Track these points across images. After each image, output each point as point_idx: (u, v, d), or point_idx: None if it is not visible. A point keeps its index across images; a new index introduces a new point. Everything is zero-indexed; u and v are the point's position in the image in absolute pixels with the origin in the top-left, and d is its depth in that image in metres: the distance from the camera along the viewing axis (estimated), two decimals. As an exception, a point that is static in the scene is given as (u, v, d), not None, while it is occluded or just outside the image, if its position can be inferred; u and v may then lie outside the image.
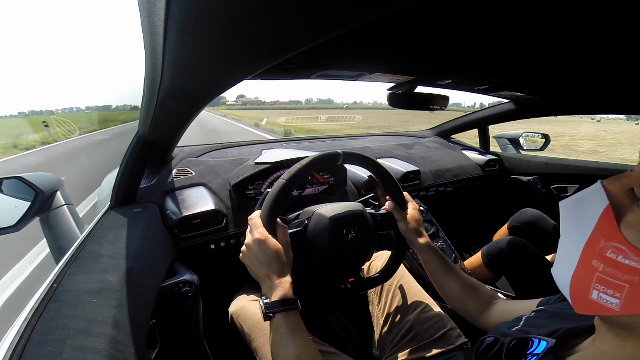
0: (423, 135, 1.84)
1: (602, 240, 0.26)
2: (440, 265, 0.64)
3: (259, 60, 0.29)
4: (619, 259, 0.25)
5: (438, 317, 0.71)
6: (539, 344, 0.35)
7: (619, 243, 0.25)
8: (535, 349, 0.35)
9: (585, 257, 0.27)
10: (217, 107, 68.70)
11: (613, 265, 0.25)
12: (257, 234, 0.52)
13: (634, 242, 0.24)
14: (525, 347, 0.36)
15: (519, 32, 0.45)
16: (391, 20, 0.41)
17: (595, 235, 0.27)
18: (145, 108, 0.58)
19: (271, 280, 0.51)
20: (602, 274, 0.26)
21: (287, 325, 0.48)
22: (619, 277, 0.25)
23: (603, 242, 0.26)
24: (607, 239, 0.26)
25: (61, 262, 0.55)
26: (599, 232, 0.27)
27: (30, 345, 0.37)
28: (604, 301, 0.26)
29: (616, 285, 0.25)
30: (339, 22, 0.21)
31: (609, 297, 0.25)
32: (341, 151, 0.62)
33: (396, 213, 0.70)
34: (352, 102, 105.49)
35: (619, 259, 0.25)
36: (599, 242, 0.26)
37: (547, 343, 0.34)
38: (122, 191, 0.78)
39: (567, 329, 0.36)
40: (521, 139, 1.78)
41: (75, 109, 52.97)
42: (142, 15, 0.27)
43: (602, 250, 0.26)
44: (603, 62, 0.58)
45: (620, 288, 0.25)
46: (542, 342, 0.34)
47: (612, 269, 0.25)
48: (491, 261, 1.05)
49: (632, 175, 0.27)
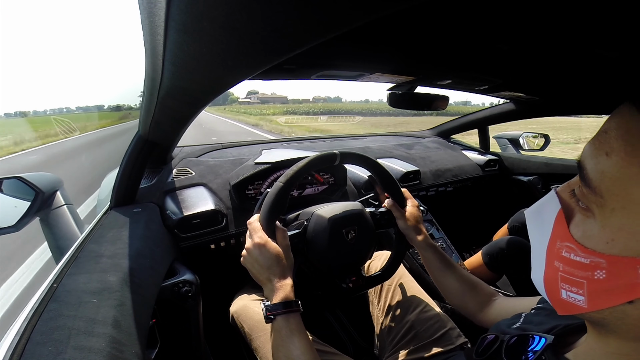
0: (423, 136, 1.84)
1: (558, 241, 0.28)
2: (440, 262, 0.64)
3: (259, 60, 0.29)
4: (572, 256, 0.26)
5: (438, 317, 0.71)
6: (538, 341, 0.35)
7: (569, 242, 0.27)
8: (534, 345, 0.35)
9: (549, 258, 0.29)
10: (227, 107, 58.84)
11: (569, 264, 0.27)
12: (256, 238, 0.52)
13: (580, 240, 0.26)
14: (525, 344, 0.36)
15: (519, 32, 0.45)
16: (391, 20, 0.41)
17: (553, 238, 0.29)
18: (145, 108, 0.58)
19: (272, 284, 0.51)
20: (563, 272, 0.27)
21: (288, 327, 0.48)
22: (576, 274, 0.26)
23: (559, 242, 0.28)
24: (561, 240, 0.28)
25: (61, 262, 0.55)
26: (555, 235, 0.29)
27: (30, 345, 0.37)
28: (573, 299, 0.27)
29: (576, 282, 0.26)
30: (339, 23, 0.21)
31: (575, 294, 0.27)
32: (338, 151, 0.62)
33: (395, 211, 0.70)
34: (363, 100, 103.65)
35: (572, 257, 0.27)
36: (556, 243, 0.28)
37: (545, 340, 0.34)
38: (122, 191, 0.78)
39: (565, 326, 0.36)
40: (521, 139, 1.78)
41: (66, 110, 52.64)
42: (143, 16, 0.27)
43: (559, 250, 0.28)
44: (603, 63, 0.58)
45: (580, 285, 0.26)
46: (542, 339, 0.35)
47: (569, 267, 0.27)
48: (492, 261, 1.05)
49: (573, 182, 0.29)
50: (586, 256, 0.25)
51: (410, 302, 0.74)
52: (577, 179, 0.28)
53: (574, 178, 0.29)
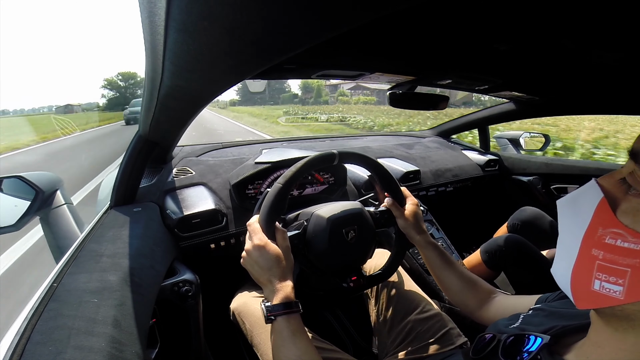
0: (423, 135, 1.84)
1: (600, 228, 0.27)
2: (440, 260, 0.65)
3: (259, 60, 0.29)
4: (618, 243, 0.26)
5: (438, 317, 0.71)
6: (534, 341, 0.35)
7: (616, 228, 0.26)
8: (530, 346, 0.35)
9: (585, 247, 0.28)
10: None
11: (613, 251, 0.26)
12: (256, 240, 0.53)
13: (631, 225, 0.25)
14: (521, 344, 0.36)
15: (519, 32, 0.45)
16: (391, 20, 0.41)
17: (593, 226, 0.28)
18: (145, 108, 0.58)
19: (273, 285, 0.51)
20: (602, 261, 0.26)
21: (288, 328, 0.49)
22: (620, 261, 0.25)
23: (601, 230, 0.27)
24: (605, 227, 0.27)
25: (61, 262, 0.55)
26: (597, 222, 0.27)
27: (30, 345, 0.37)
28: (607, 290, 0.26)
29: (618, 271, 0.25)
30: (339, 22, 0.21)
31: (612, 285, 0.26)
32: (336, 151, 0.62)
33: (394, 209, 0.69)
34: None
35: (618, 243, 0.26)
36: (597, 231, 0.27)
37: (542, 340, 0.34)
38: (122, 190, 0.78)
39: (563, 327, 0.36)
40: (521, 139, 1.78)
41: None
42: (143, 15, 0.27)
43: (601, 237, 0.27)
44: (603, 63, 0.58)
45: (623, 274, 0.25)
46: (537, 339, 0.35)
47: (612, 254, 0.26)
48: (490, 259, 1.05)
49: (623, 170, 0.28)
50: (637, 241, 0.24)
51: (409, 302, 0.74)
52: (626, 168, 0.28)
53: (619, 170, 0.29)
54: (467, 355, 0.44)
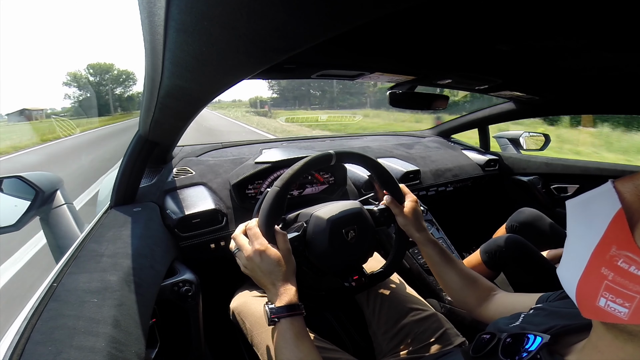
0: (423, 135, 1.84)
1: (614, 247, 0.24)
2: (440, 257, 0.65)
3: (259, 60, 0.29)
4: (632, 269, 0.23)
5: (434, 318, 0.71)
6: (534, 340, 0.35)
7: (632, 253, 0.23)
8: (530, 345, 0.35)
9: (594, 263, 0.26)
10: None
11: (624, 275, 0.24)
12: (257, 244, 0.53)
13: None
14: (521, 343, 0.36)
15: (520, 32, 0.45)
16: (391, 19, 0.41)
17: (606, 241, 0.25)
18: (145, 107, 0.58)
19: (276, 288, 0.51)
20: (611, 282, 0.24)
21: (292, 330, 0.49)
22: (630, 287, 0.23)
23: (614, 249, 0.24)
24: (619, 247, 0.24)
25: (61, 262, 0.55)
26: (610, 238, 0.25)
27: (30, 344, 0.37)
28: (612, 309, 0.24)
29: (626, 295, 0.23)
30: (339, 22, 0.21)
31: (618, 305, 0.24)
32: (334, 151, 0.62)
33: (394, 207, 0.69)
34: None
35: (631, 270, 0.23)
36: (609, 249, 0.25)
37: (541, 339, 0.34)
38: (122, 190, 0.78)
39: (563, 326, 0.36)
40: (521, 139, 1.78)
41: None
42: (143, 15, 0.27)
43: (613, 258, 0.24)
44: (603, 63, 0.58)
45: (631, 298, 0.23)
46: (537, 338, 0.35)
47: (623, 278, 0.24)
48: (490, 259, 1.06)
49: None
50: None
51: (404, 304, 0.74)
52: None
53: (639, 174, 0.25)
54: (466, 354, 0.44)
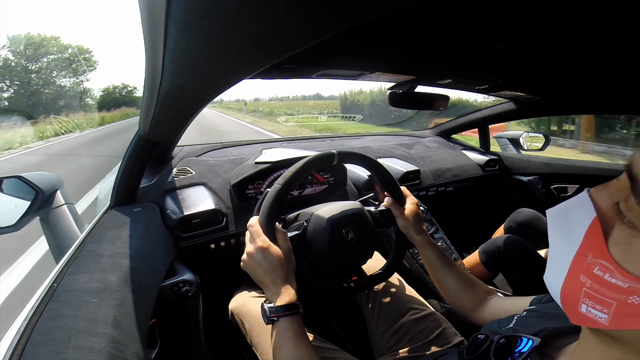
0: (423, 135, 1.84)
1: (590, 255, 0.25)
2: (439, 261, 0.65)
3: (259, 59, 0.29)
4: (606, 277, 0.24)
5: (432, 317, 0.71)
6: (526, 343, 0.35)
7: (606, 261, 0.24)
8: (521, 347, 0.35)
9: (574, 271, 0.27)
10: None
11: (600, 283, 0.25)
12: (259, 242, 0.52)
13: (621, 262, 0.24)
14: (513, 346, 0.36)
15: (520, 32, 0.45)
16: (391, 19, 0.41)
17: (583, 250, 0.26)
18: (145, 107, 0.58)
19: (276, 287, 0.51)
20: (589, 289, 0.25)
21: (290, 329, 0.49)
22: (607, 294, 0.24)
23: (590, 257, 0.25)
24: (595, 255, 0.25)
25: (61, 262, 0.55)
26: (587, 247, 0.26)
27: (30, 345, 0.37)
28: (593, 315, 0.25)
29: (604, 301, 0.24)
30: (339, 22, 0.21)
31: (598, 312, 0.25)
32: (336, 151, 0.62)
33: (394, 209, 0.69)
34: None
35: (605, 277, 0.24)
36: (586, 257, 0.26)
37: (532, 342, 0.35)
38: (122, 190, 0.78)
39: (554, 329, 0.36)
40: (521, 139, 1.78)
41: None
42: (143, 15, 0.27)
43: (590, 266, 0.25)
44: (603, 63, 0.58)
45: (608, 305, 0.24)
46: (529, 341, 0.35)
47: (599, 286, 0.25)
48: (488, 259, 1.06)
49: (619, 186, 0.26)
50: (626, 281, 0.23)
51: (402, 304, 0.74)
52: (621, 187, 0.25)
53: (615, 183, 0.26)
54: (461, 355, 0.44)
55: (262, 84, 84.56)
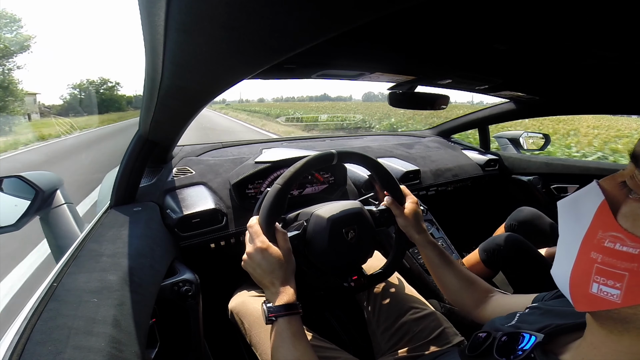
0: (423, 135, 1.84)
1: (600, 231, 0.27)
2: (439, 259, 0.65)
3: (259, 60, 0.29)
4: (617, 246, 0.25)
5: (433, 317, 0.71)
6: (528, 339, 0.35)
7: (616, 232, 0.26)
8: (524, 344, 0.35)
9: (584, 250, 0.28)
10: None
11: (612, 254, 0.26)
12: (259, 242, 0.53)
13: (631, 230, 0.25)
14: (516, 342, 0.36)
15: (520, 32, 0.45)
16: (391, 19, 0.41)
17: (593, 229, 0.28)
18: (145, 107, 0.58)
19: (275, 287, 0.51)
20: (601, 264, 0.26)
21: (289, 329, 0.49)
22: (618, 265, 0.25)
23: (601, 233, 0.27)
24: (605, 230, 0.27)
25: (61, 261, 0.55)
26: (597, 225, 0.27)
27: (30, 344, 0.37)
28: (605, 293, 0.26)
29: (616, 274, 0.25)
30: (339, 22, 0.21)
31: (610, 288, 0.26)
32: (335, 151, 0.62)
33: (394, 208, 0.69)
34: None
35: (616, 247, 0.25)
36: (596, 234, 0.27)
37: (535, 338, 0.35)
38: (122, 190, 0.78)
39: (557, 325, 0.36)
40: (521, 139, 1.78)
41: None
42: (142, 15, 0.27)
43: (600, 240, 0.27)
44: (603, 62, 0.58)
45: (621, 277, 0.25)
46: (532, 338, 0.35)
47: (611, 258, 0.26)
48: (489, 258, 1.06)
49: (625, 173, 0.28)
50: (637, 246, 0.24)
51: (403, 303, 0.74)
52: (627, 171, 0.28)
53: (620, 173, 0.29)
54: (463, 353, 0.44)
55: (266, 84, 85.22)
